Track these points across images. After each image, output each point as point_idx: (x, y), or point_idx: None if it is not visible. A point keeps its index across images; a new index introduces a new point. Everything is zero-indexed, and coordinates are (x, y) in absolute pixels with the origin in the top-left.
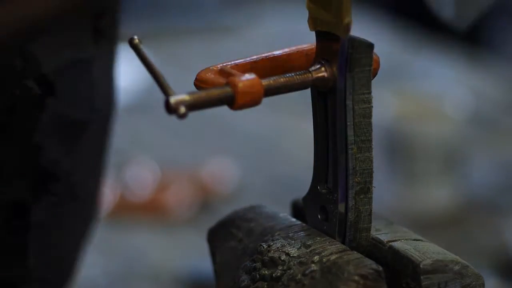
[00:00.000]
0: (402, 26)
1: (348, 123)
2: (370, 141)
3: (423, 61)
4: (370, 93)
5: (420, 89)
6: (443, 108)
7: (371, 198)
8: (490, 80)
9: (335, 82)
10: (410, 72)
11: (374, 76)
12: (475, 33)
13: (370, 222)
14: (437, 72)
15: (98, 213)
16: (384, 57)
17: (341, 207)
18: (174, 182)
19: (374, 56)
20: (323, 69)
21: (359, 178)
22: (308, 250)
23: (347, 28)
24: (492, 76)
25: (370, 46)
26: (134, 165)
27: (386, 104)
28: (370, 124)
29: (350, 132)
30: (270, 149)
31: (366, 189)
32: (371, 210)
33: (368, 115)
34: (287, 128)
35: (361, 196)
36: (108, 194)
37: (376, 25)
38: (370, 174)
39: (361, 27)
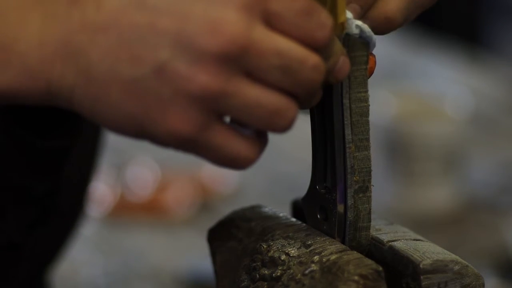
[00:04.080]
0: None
1: (346, 122)
2: (367, 139)
3: (423, 61)
4: (367, 91)
5: (420, 89)
6: (443, 108)
7: (370, 197)
8: (490, 80)
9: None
10: (410, 72)
11: (370, 75)
12: (475, 33)
13: (370, 221)
14: (437, 72)
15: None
16: (384, 57)
17: (340, 207)
18: (174, 182)
19: (370, 55)
20: None
21: (357, 177)
22: (308, 250)
23: (342, 26)
24: (492, 76)
25: (366, 44)
26: (134, 165)
27: (386, 104)
28: (367, 122)
29: (347, 131)
30: (270, 149)
31: (365, 188)
32: (370, 209)
33: (366, 113)
34: None
35: (360, 195)
36: (108, 194)
37: None
38: (368, 172)
39: None
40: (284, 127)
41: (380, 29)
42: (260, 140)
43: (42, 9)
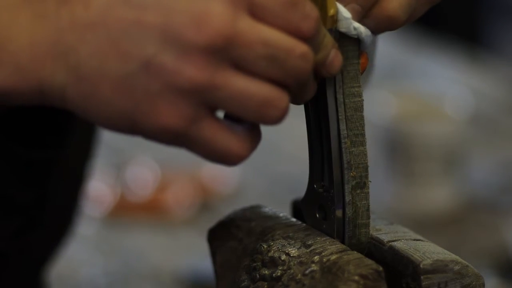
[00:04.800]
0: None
1: (340, 117)
2: (363, 135)
3: (423, 61)
4: (360, 86)
5: (420, 89)
6: (443, 108)
7: (367, 193)
8: (490, 80)
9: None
10: (410, 72)
11: (363, 71)
12: (475, 33)
13: (369, 218)
14: (437, 72)
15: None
16: (384, 57)
17: (338, 203)
18: (174, 182)
19: (362, 50)
20: None
21: (354, 173)
22: (308, 250)
23: (332, 20)
24: (492, 76)
25: (356, 38)
26: (134, 165)
27: (386, 104)
28: (362, 117)
29: (342, 126)
30: (270, 149)
31: (362, 184)
32: (368, 206)
33: (360, 108)
34: (287, 128)
35: (358, 191)
36: (108, 194)
37: None
38: (365, 168)
39: None
40: (276, 118)
41: (383, 27)
42: (252, 136)
43: (31, 9)
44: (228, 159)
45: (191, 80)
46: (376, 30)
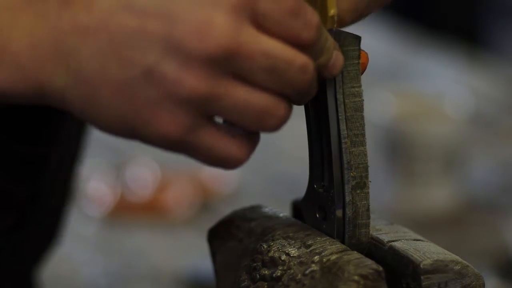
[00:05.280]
0: (402, 26)
1: (340, 117)
2: (363, 135)
3: (423, 61)
4: (360, 86)
5: (420, 89)
6: (443, 108)
7: (367, 193)
8: (490, 80)
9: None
10: (410, 72)
11: (363, 71)
12: (475, 33)
13: (369, 218)
14: (437, 72)
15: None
16: (384, 57)
17: (338, 203)
18: (174, 182)
19: (362, 51)
20: None
21: (354, 173)
22: (308, 250)
23: (333, 20)
24: (492, 76)
25: (357, 38)
26: (134, 165)
27: (386, 104)
28: (362, 118)
29: (342, 126)
30: (270, 149)
31: (362, 184)
32: (368, 206)
33: (360, 108)
34: (287, 128)
35: (358, 191)
36: (108, 194)
37: (376, 25)
38: (365, 168)
39: (361, 27)
40: (274, 126)
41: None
42: (250, 140)
43: (33, 11)
44: (227, 164)
45: (192, 91)
46: None
